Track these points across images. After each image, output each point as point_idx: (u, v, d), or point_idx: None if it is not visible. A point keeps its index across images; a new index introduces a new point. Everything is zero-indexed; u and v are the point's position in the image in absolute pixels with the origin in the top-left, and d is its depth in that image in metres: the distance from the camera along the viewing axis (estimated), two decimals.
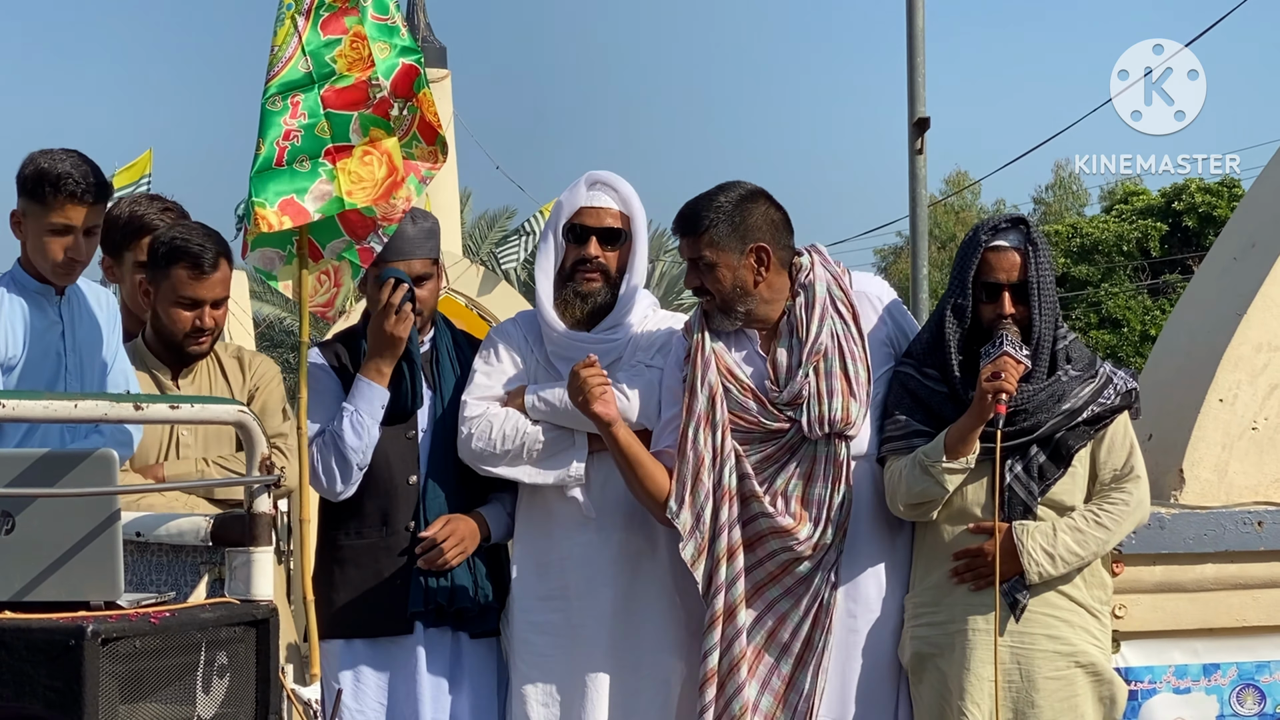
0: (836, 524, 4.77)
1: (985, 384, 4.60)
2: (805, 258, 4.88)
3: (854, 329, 4.84)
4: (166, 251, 4.96)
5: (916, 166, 11.37)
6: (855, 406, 4.77)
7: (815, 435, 4.77)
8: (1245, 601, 5.44)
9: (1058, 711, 4.72)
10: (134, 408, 3.82)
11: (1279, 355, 5.65)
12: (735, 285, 4.80)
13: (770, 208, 4.87)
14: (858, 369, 4.80)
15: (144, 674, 3.60)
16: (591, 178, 5.10)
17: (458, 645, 5.15)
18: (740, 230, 4.79)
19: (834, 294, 4.86)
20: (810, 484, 4.78)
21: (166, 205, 5.52)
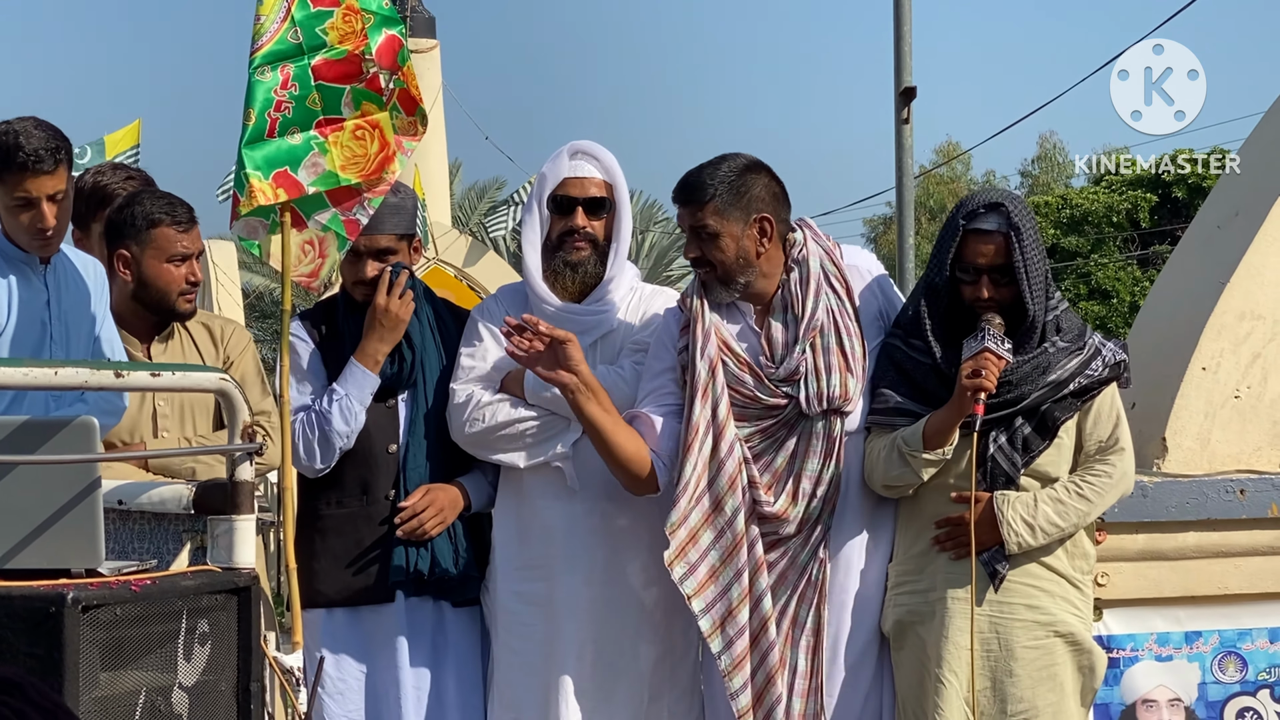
0: (824, 500, 4.77)
1: (965, 381, 4.59)
2: (798, 233, 4.86)
3: (848, 304, 4.83)
4: (145, 215, 4.94)
5: (903, 136, 11.39)
6: (853, 382, 4.76)
7: (813, 411, 4.75)
8: (1227, 569, 5.45)
9: (1036, 680, 4.73)
10: (114, 375, 3.82)
11: (1262, 324, 5.66)
12: (739, 256, 4.77)
13: (771, 180, 4.85)
14: (853, 344, 4.79)
15: (125, 641, 3.60)
16: (573, 148, 5.08)
17: (439, 614, 5.15)
18: (744, 200, 4.76)
19: (827, 269, 4.85)
20: (806, 460, 4.76)
21: (130, 174, 5.49)
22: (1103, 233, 37.23)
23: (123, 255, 4.98)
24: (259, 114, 4.44)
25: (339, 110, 4.51)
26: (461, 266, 14.36)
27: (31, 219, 4.58)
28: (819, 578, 4.77)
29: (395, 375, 5.13)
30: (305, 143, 4.45)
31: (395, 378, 5.13)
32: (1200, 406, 5.61)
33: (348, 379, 5.07)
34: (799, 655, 4.75)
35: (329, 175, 4.48)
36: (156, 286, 4.99)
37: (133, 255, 4.97)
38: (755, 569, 4.74)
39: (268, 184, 4.39)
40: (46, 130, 4.56)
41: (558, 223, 5.02)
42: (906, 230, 11.46)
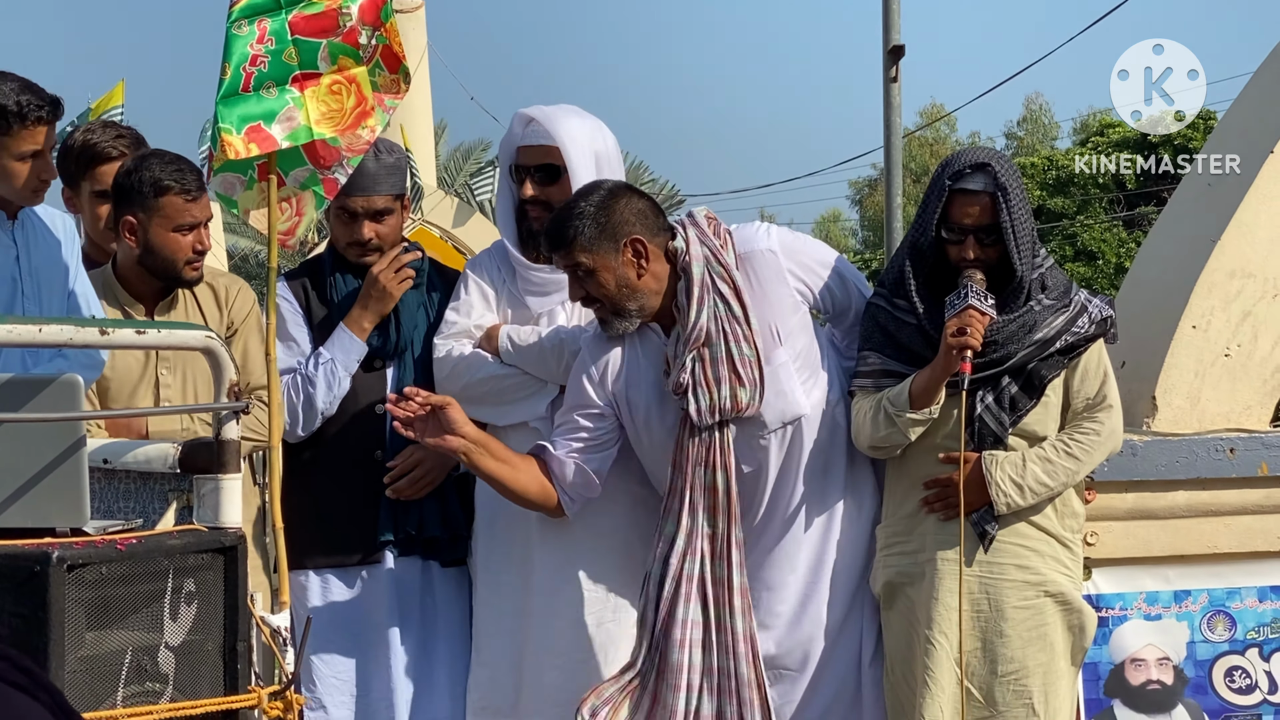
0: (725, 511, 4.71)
1: (950, 339, 4.56)
2: (680, 240, 4.76)
3: (736, 306, 4.72)
4: (153, 181, 4.88)
5: (891, 94, 11.36)
6: (745, 392, 4.69)
7: (705, 423, 4.70)
8: (1216, 528, 5.44)
9: (1026, 641, 4.72)
10: (100, 332, 3.79)
11: (1252, 282, 5.64)
12: (620, 285, 4.71)
13: (634, 199, 4.77)
14: (742, 350, 4.70)
15: (111, 601, 3.59)
16: (522, 116, 5.05)
17: (428, 574, 5.15)
18: (609, 228, 4.69)
19: (713, 271, 4.74)
20: (714, 471, 4.72)
21: (120, 132, 5.46)
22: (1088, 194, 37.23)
23: (129, 221, 4.92)
24: (234, 69, 4.40)
25: (315, 65, 4.47)
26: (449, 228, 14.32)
27: (39, 171, 4.66)
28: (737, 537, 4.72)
29: (381, 347, 5.12)
30: (280, 98, 4.41)
31: (381, 349, 5.12)
32: (1190, 365, 5.60)
33: (335, 344, 5.05)
34: (712, 657, 4.70)
35: (303, 129, 4.44)
36: (163, 254, 4.93)
37: (139, 222, 4.91)
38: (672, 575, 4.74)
39: (239, 138, 4.35)
40: (36, 85, 4.63)
41: (521, 191, 5.00)
42: (895, 189, 11.43)
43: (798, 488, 4.82)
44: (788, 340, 4.79)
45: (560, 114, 5.03)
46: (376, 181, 5.06)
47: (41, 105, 4.60)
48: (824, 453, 4.83)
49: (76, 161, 5.37)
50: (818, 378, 4.83)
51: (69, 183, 5.43)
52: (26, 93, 4.59)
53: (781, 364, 4.77)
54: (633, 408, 4.82)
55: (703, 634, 4.69)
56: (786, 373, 4.77)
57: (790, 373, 4.77)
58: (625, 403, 4.83)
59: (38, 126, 4.61)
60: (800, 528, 4.83)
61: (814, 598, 4.84)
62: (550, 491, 4.81)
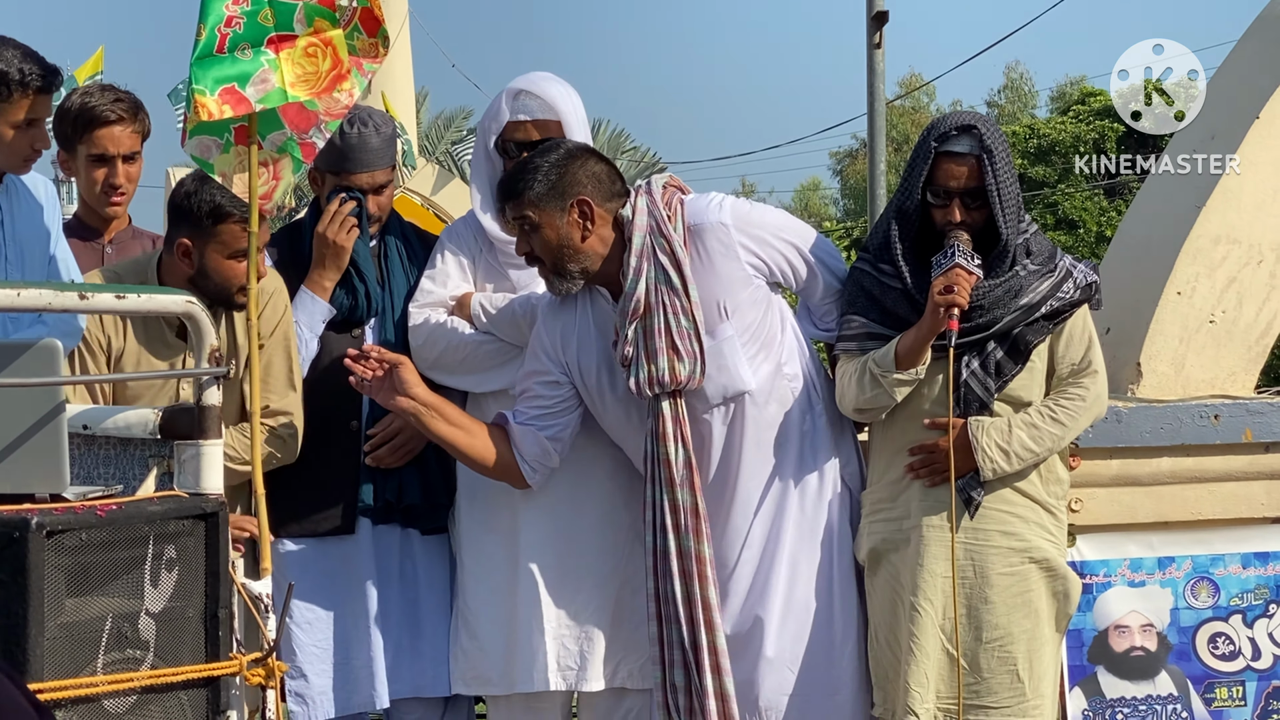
0: (686, 483, 4.71)
1: (937, 298, 4.54)
2: (627, 208, 4.75)
3: (676, 278, 4.69)
4: (212, 207, 4.78)
5: (875, 61, 11.33)
6: (683, 366, 4.67)
7: (644, 395, 4.70)
8: (1201, 495, 5.44)
9: (1011, 607, 4.72)
10: (78, 297, 3.76)
11: (1237, 248, 5.63)
12: (562, 244, 4.70)
13: (591, 161, 4.76)
14: (680, 323, 4.68)
15: (91, 567, 3.57)
16: (513, 90, 5.00)
17: (408, 542, 5.14)
18: (560, 187, 4.69)
19: (656, 242, 4.72)
20: (660, 443, 4.71)
21: (118, 96, 5.41)
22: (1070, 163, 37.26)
23: (183, 244, 4.81)
24: (210, 30, 4.35)
25: (291, 26, 4.42)
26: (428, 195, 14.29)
27: (33, 140, 4.63)
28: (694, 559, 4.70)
29: (351, 307, 5.09)
30: (255, 59, 4.37)
31: (352, 309, 5.09)
32: (1175, 331, 5.59)
33: (298, 305, 5.03)
34: (681, 630, 4.69)
35: (278, 92, 4.39)
36: (216, 281, 4.83)
37: (194, 245, 4.80)
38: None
39: (213, 100, 4.30)
40: (36, 53, 4.61)
41: (508, 165, 4.96)
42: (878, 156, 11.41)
43: (745, 463, 4.81)
44: (735, 314, 4.76)
45: (553, 88, 4.99)
46: (379, 157, 5.07)
47: (42, 75, 4.58)
48: (774, 427, 4.81)
49: (73, 125, 5.34)
50: (769, 352, 4.80)
51: (65, 145, 5.40)
52: (28, 61, 4.57)
53: (726, 339, 4.74)
54: (585, 374, 4.82)
55: (673, 608, 4.69)
56: (731, 347, 4.75)
57: (735, 348, 4.75)
58: (578, 369, 4.83)
59: (37, 95, 4.59)
60: (751, 503, 4.83)
61: (770, 573, 4.82)
62: (510, 461, 4.81)
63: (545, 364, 4.84)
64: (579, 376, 4.83)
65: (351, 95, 4.52)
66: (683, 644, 4.68)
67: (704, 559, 4.69)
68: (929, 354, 4.62)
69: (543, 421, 4.82)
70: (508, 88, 5.03)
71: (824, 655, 4.84)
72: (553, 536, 4.96)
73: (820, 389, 4.88)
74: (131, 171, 5.42)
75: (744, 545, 4.82)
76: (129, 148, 5.37)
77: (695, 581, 4.68)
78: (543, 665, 4.95)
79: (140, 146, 5.43)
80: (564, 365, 4.83)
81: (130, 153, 5.38)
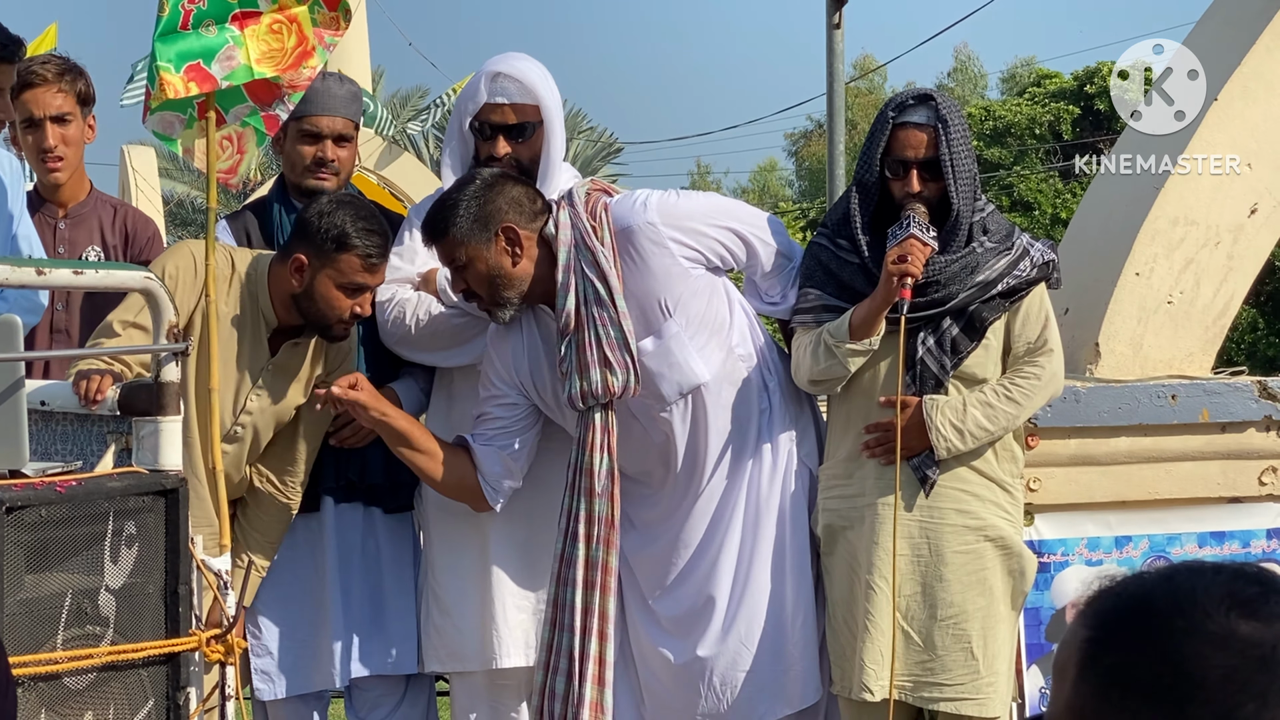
0: (606, 494, 4.71)
1: (891, 267, 4.54)
2: (550, 224, 4.73)
3: (603, 289, 4.67)
4: (339, 234, 4.70)
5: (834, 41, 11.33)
6: (615, 377, 4.66)
7: (578, 409, 4.70)
8: (1158, 474, 5.47)
9: (966, 585, 4.72)
10: (36, 272, 3.74)
11: (1195, 229, 5.66)
12: (493, 274, 4.67)
13: (509, 185, 4.74)
14: (609, 334, 4.66)
15: (50, 543, 3.56)
16: (491, 71, 4.96)
17: (370, 521, 5.12)
18: (482, 218, 4.66)
19: (581, 256, 4.70)
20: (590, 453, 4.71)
21: (47, 59, 5.30)
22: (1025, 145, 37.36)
23: (299, 260, 4.72)
24: (173, 6, 4.34)
25: (255, 4, 4.41)
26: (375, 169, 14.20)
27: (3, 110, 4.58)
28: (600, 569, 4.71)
29: None
30: (220, 35, 4.36)
31: None
32: (1133, 312, 5.62)
33: None
34: (573, 639, 4.70)
35: (243, 69, 4.38)
36: (319, 306, 4.75)
37: (309, 265, 4.72)
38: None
39: (179, 77, 4.29)
40: None
41: (484, 147, 4.95)
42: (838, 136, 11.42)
43: (710, 449, 4.81)
44: (678, 310, 4.74)
45: (531, 71, 4.96)
46: (341, 104, 5.05)
47: (4, 45, 4.50)
48: (729, 409, 4.81)
49: (15, 96, 5.25)
50: (719, 338, 4.79)
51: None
52: None
53: (672, 336, 4.73)
54: (540, 390, 4.82)
55: (569, 616, 4.70)
56: (679, 344, 4.74)
57: (683, 343, 4.74)
58: (533, 386, 4.83)
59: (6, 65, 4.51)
60: (715, 486, 4.83)
61: (723, 549, 4.83)
62: (473, 481, 4.82)
63: (500, 388, 4.84)
64: (535, 393, 4.84)
65: (315, 70, 4.52)
66: (570, 652, 4.69)
67: (610, 570, 4.71)
68: (883, 325, 4.63)
69: (502, 440, 4.83)
70: (485, 69, 4.99)
71: (778, 631, 4.84)
72: (520, 513, 4.95)
73: (774, 366, 4.88)
74: (67, 134, 5.27)
75: (713, 528, 4.83)
76: (57, 109, 5.23)
77: (597, 592, 4.69)
78: (518, 641, 4.97)
79: (75, 109, 5.28)
80: (519, 385, 4.84)
81: (60, 114, 5.23)
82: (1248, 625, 1.60)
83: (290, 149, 5.07)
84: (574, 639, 4.69)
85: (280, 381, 4.77)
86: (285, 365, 4.80)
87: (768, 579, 4.84)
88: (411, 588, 5.13)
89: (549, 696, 4.72)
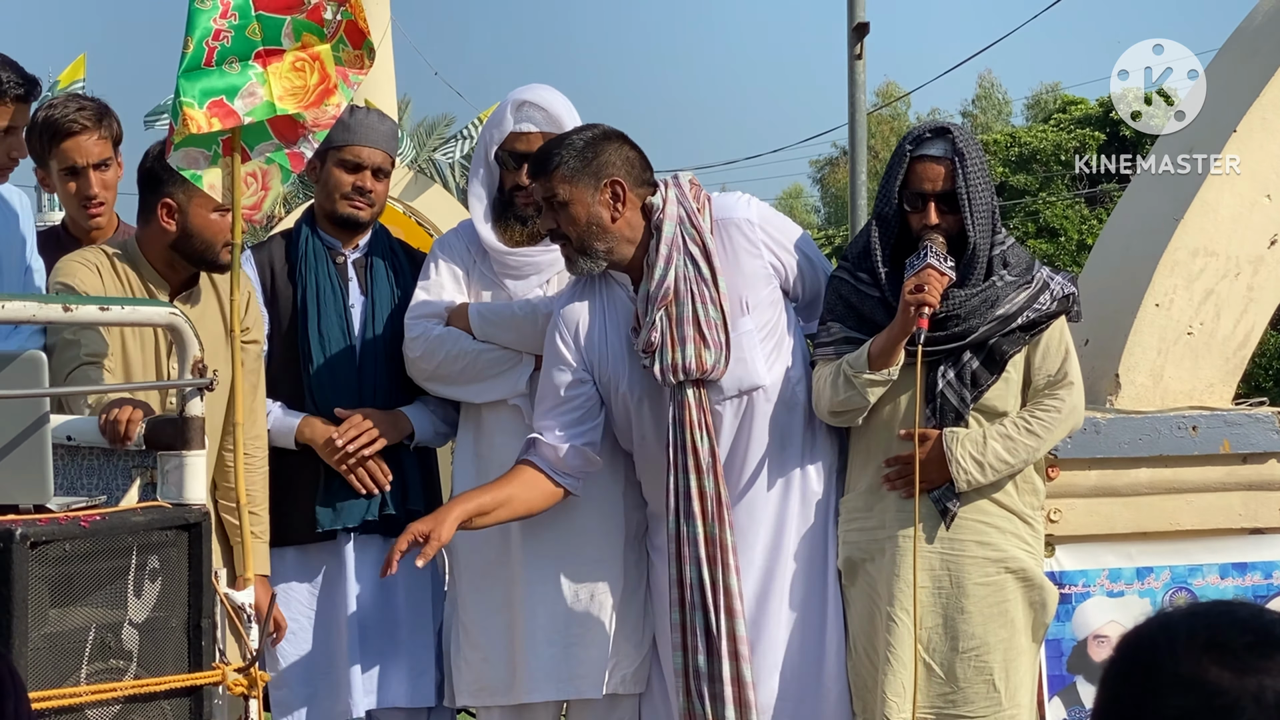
0: (711, 471, 4.70)
1: (908, 296, 4.57)
2: (657, 197, 4.76)
3: (705, 269, 4.71)
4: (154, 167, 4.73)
5: (856, 72, 11.36)
6: (709, 354, 4.67)
7: (669, 383, 4.69)
8: (1179, 505, 5.46)
9: (987, 617, 4.73)
10: (63, 309, 3.78)
11: (1215, 260, 5.65)
12: (590, 222, 4.69)
13: (625, 146, 4.77)
14: (708, 312, 4.69)
15: (74, 577, 3.58)
16: (517, 100, 5.00)
17: (388, 553, 5.13)
18: (593, 166, 4.68)
19: (686, 232, 4.73)
20: (685, 430, 4.70)
21: (82, 104, 5.32)
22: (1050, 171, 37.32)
23: (168, 204, 4.74)
24: (197, 43, 4.36)
25: (279, 41, 4.44)
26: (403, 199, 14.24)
27: (9, 147, 4.61)
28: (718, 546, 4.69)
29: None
30: (243, 73, 4.39)
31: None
32: (1153, 343, 5.61)
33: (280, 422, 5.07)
34: (707, 617, 4.67)
35: (266, 105, 4.41)
36: (203, 237, 4.75)
37: (178, 204, 4.73)
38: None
39: (202, 113, 4.31)
40: (12, 61, 4.59)
41: (509, 176, 4.97)
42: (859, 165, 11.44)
43: (751, 459, 4.82)
44: (755, 311, 4.79)
45: (557, 101, 5.00)
46: (383, 138, 5.13)
47: (19, 83, 4.55)
48: (780, 427, 4.83)
49: (40, 138, 5.21)
50: (781, 351, 4.83)
51: (39, 162, 5.29)
52: (4, 69, 4.54)
53: (746, 332, 4.77)
54: (601, 364, 4.81)
55: (695, 594, 4.68)
56: (750, 341, 4.77)
57: (754, 342, 4.78)
58: (597, 360, 4.82)
59: (14, 104, 4.56)
60: (756, 501, 4.84)
61: (774, 572, 4.84)
62: (553, 490, 4.80)
63: (567, 359, 4.81)
64: (596, 368, 4.83)
65: (339, 108, 4.54)
66: (707, 629, 4.66)
67: (727, 546, 4.67)
68: (902, 355, 4.64)
69: (576, 429, 4.80)
70: (511, 98, 5.03)
71: (815, 658, 4.86)
72: (549, 544, 4.96)
73: None
74: (106, 179, 5.30)
75: (750, 544, 4.82)
76: (99, 156, 5.25)
77: (719, 568, 4.67)
78: (546, 674, 4.95)
79: (113, 152, 5.31)
80: (585, 360, 4.82)
81: (100, 160, 5.25)
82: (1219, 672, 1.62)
83: (327, 175, 5.11)
84: (708, 616, 4.66)
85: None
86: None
87: (807, 605, 4.85)
88: (429, 620, 5.14)
89: (694, 676, 4.67)
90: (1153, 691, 1.64)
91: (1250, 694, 1.61)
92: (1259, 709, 1.60)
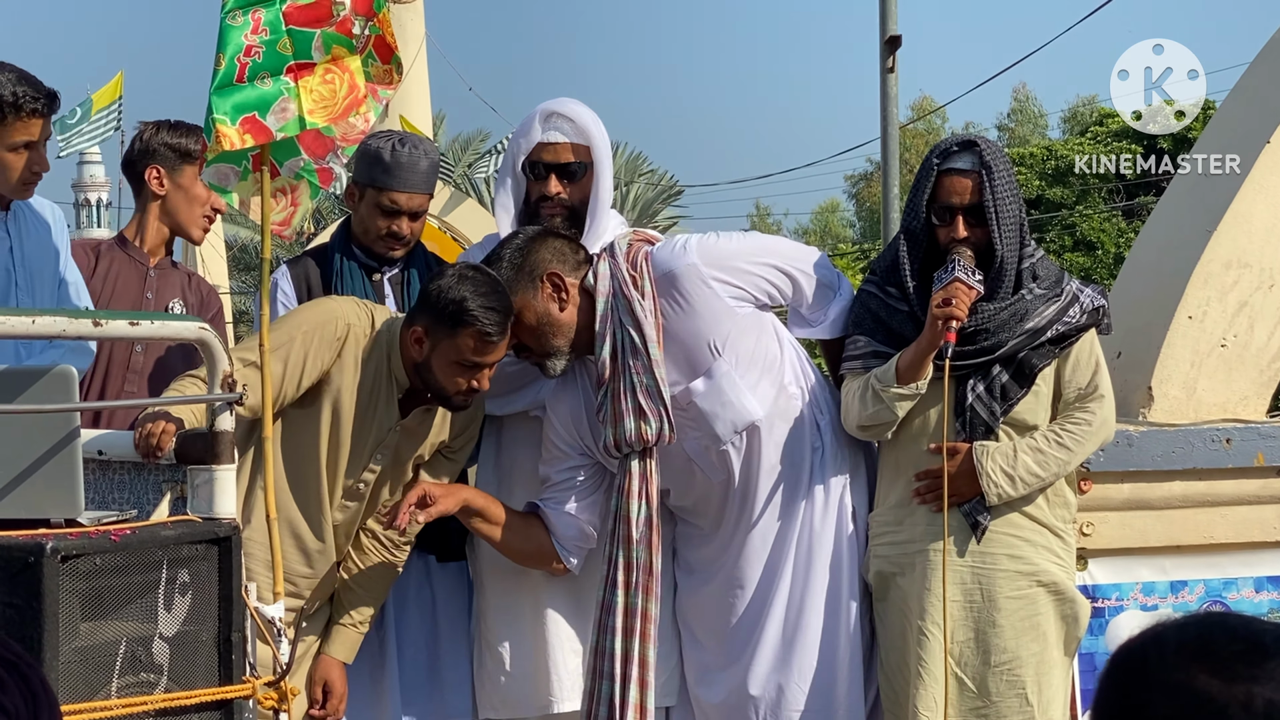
0: (644, 541, 4.74)
1: (935, 310, 4.56)
2: (590, 275, 4.78)
3: (636, 337, 4.71)
4: (460, 312, 4.58)
5: (888, 85, 11.35)
6: (650, 425, 4.70)
7: (614, 455, 4.75)
8: (1213, 519, 5.44)
9: (1019, 630, 4.72)
10: (93, 324, 3.79)
11: (1248, 272, 5.64)
12: (541, 322, 4.72)
13: (550, 238, 4.79)
14: (642, 382, 4.71)
15: (105, 591, 3.59)
16: (545, 111, 5.01)
17: (426, 568, 5.14)
18: (526, 268, 4.72)
19: (618, 305, 4.74)
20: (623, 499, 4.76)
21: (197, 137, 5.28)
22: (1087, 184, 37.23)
23: (417, 331, 4.64)
24: (229, 60, 4.38)
25: (309, 55, 4.45)
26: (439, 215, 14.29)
27: (31, 163, 4.63)
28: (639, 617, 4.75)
29: None
30: (275, 88, 4.40)
31: None
32: (1186, 355, 5.60)
33: None
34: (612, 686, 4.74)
35: (296, 120, 4.42)
36: (438, 383, 4.66)
37: (431, 342, 4.63)
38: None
39: (234, 129, 4.33)
40: (33, 76, 4.60)
41: (535, 187, 4.99)
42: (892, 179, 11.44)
43: (760, 486, 4.84)
44: (727, 349, 4.78)
45: (585, 113, 5.01)
46: (422, 179, 5.12)
47: (37, 97, 4.58)
48: (782, 446, 4.84)
49: None
50: (771, 374, 4.82)
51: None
52: (23, 84, 4.57)
53: (723, 375, 4.77)
54: (597, 444, 4.85)
55: (608, 664, 4.74)
56: (730, 382, 4.77)
57: (734, 382, 4.77)
58: (592, 442, 4.86)
59: (32, 119, 4.59)
60: (770, 525, 4.86)
61: (776, 590, 4.85)
62: (549, 548, 4.87)
63: (564, 450, 4.89)
64: (594, 448, 4.87)
65: (367, 120, 4.55)
66: (610, 699, 4.73)
67: (649, 618, 4.74)
68: (930, 369, 4.64)
69: (574, 504, 4.87)
70: (540, 109, 5.04)
71: (831, 674, 4.85)
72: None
73: (826, 405, 4.90)
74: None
75: (771, 569, 4.85)
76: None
77: (636, 639, 4.73)
78: (571, 687, 4.97)
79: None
80: (580, 444, 4.88)
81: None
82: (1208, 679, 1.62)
83: (365, 214, 5.12)
84: (614, 686, 4.72)
85: (407, 443, 4.77)
86: (413, 429, 4.78)
87: (819, 618, 4.85)
88: (466, 636, 5.14)
89: None
90: (1143, 698, 1.64)
91: (1239, 702, 1.61)
92: (1248, 716, 1.61)
